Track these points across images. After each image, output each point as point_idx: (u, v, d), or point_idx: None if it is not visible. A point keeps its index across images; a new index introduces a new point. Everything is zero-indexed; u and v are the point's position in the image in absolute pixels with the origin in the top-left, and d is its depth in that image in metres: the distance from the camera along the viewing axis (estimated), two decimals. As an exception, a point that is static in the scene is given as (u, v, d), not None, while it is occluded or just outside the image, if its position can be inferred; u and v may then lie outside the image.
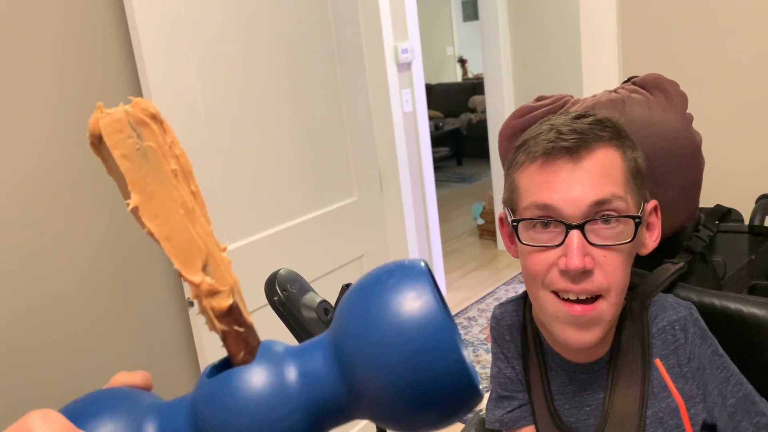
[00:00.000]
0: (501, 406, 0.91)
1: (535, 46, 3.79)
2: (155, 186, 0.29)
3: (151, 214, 0.29)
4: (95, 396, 0.30)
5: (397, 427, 0.29)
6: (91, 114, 1.11)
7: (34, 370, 1.26)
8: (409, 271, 0.29)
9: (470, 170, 6.62)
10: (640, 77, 0.93)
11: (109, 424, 0.28)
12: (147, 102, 0.29)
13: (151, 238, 0.26)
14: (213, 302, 0.29)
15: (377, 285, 0.29)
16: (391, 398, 0.27)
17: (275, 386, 0.28)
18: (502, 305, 0.94)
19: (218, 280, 0.30)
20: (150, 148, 0.29)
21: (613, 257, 0.72)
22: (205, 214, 0.31)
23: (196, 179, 0.31)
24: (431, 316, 0.27)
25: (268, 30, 1.55)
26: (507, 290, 3.55)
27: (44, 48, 1.24)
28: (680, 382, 0.77)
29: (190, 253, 0.29)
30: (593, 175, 0.72)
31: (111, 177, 0.30)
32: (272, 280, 0.76)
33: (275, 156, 1.60)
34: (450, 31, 7.70)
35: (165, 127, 0.30)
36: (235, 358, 0.30)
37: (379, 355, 0.27)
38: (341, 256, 1.82)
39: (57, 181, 1.28)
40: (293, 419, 0.28)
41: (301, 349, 0.30)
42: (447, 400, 0.27)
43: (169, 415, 0.30)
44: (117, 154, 0.28)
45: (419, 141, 3.11)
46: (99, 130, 0.29)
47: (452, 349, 0.27)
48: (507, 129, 0.95)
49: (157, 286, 1.47)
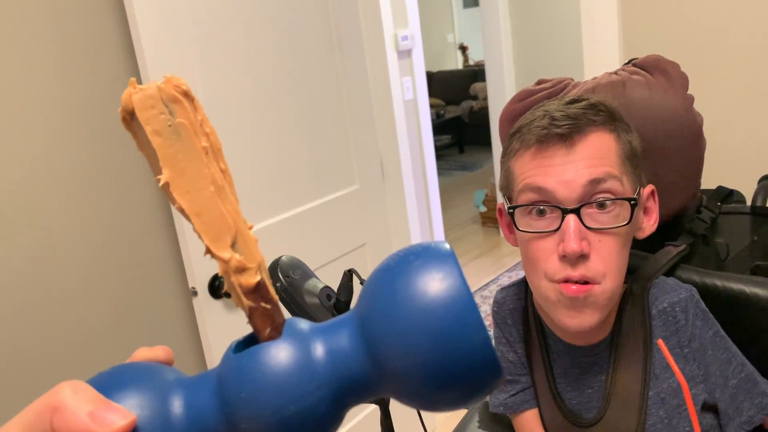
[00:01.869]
0: (504, 389, 0.91)
1: (535, 32, 3.77)
2: (186, 162, 0.29)
3: (182, 190, 0.29)
4: (121, 369, 0.30)
5: (420, 405, 0.29)
6: (92, 106, 1.11)
7: (38, 363, 1.27)
8: (435, 252, 0.30)
9: (472, 158, 6.61)
10: (641, 59, 0.93)
11: (137, 396, 0.28)
12: (179, 79, 0.29)
13: (154, 235, 0.26)
14: (241, 279, 0.30)
15: (404, 265, 0.29)
16: (417, 376, 0.28)
17: (302, 362, 0.29)
18: (503, 290, 0.94)
19: (247, 257, 0.30)
20: (182, 125, 0.29)
21: (609, 241, 0.72)
22: (234, 192, 0.31)
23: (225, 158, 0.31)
24: (458, 295, 0.28)
25: (267, 18, 1.55)
26: (510, 277, 3.56)
27: (43, 45, 1.24)
28: (681, 363, 0.77)
29: (220, 229, 0.29)
30: (587, 157, 0.72)
31: (141, 153, 0.30)
32: (274, 266, 0.76)
33: (276, 145, 1.59)
34: (450, 18, 7.66)
35: (196, 105, 0.30)
36: (261, 334, 0.30)
37: (406, 333, 0.27)
38: (343, 244, 1.82)
39: (59, 174, 1.28)
40: (319, 394, 0.28)
41: (326, 327, 0.31)
42: (471, 379, 0.28)
43: (195, 389, 0.30)
44: (149, 129, 0.29)
45: (420, 129, 3.10)
46: (132, 106, 0.29)
47: (479, 329, 0.27)
48: (508, 113, 0.94)
49: (161, 276, 1.48)
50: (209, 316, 1.45)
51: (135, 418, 0.27)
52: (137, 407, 0.28)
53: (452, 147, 6.86)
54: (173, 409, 0.29)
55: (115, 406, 0.27)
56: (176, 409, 0.29)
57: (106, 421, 0.26)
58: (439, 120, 6.37)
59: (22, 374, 1.25)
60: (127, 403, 0.28)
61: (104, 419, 0.26)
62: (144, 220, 1.43)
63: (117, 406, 0.27)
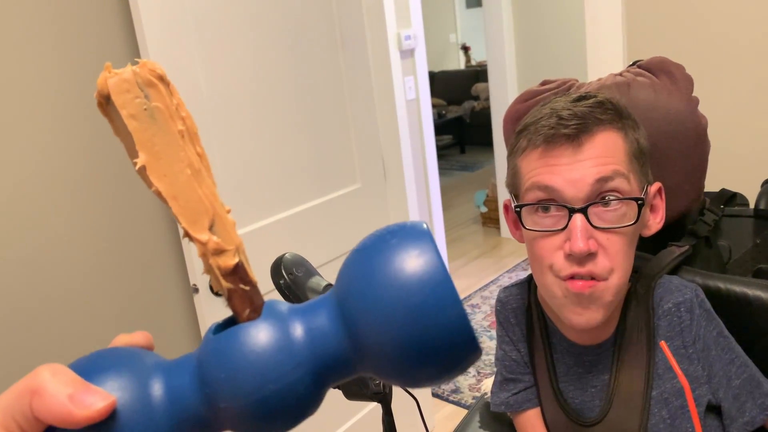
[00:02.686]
0: (506, 388, 0.91)
1: (538, 33, 3.77)
2: (162, 146, 0.29)
3: (159, 174, 0.29)
4: (101, 353, 0.31)
5: (399, 381, 0.30)
6: (95, 105, 1.10)
7: (40, 360, 1.27)
8: (411, 230, 0.30)
9: (473, 158, 6.61)
10: (646, 60, 0.93)
11: (117, 379, 0.28)
12: (154, 63, 0.30)
13: (155, 232, 0.27)
14: (219, 261, 0.30)
15: (380, 244, 0.30)
16: (395, 352, 0.28)
17: (280, 341, 0.29)
18: (507, 288, 0.94)
19: (224, 240, 0.30)
20: (157, 109, 0.29)
21: (616, 240, 0.72)
22: (211, 175, 0.31)
23: (201, 142, 0.31)
24: (434, 271, 0.28)
25: (271, 16, 1.55)
26: (510, 277, 3.56)
27: (47, 44, 1.24)
28: (685, 363, 0.77)
29: (197, 212, 0.30)
30: (594, 156, 0.72)
31: (118, 138, 0.30)
32: (278, 263, 0.76)
33: (278, 143, 1.60)
34: (453, 18, 7.65)
35: (171, 89, 0.30)
36: (240, 315, 0.30)
37: (383, 310, 0.28)
38: (344, 243, 1.82)
39: (61, 172, 1.28)
40: (298, 373, 0.29)
41: (305, 307, 0.31)
42: (448, 353, 0.28)
43: (175, 372, 0.30)
44: (125, 113, 0.29)
45: (422, 128, 3.10)
46: (107, 90, 0.29)
47: (454, 303, 0.28)
48: (512, 113, 0.95)
49: (163, 273, 1.48)
50: (210, 313, 1.45)
51: (115, 400, 0.27)
52: (117, 389, 0.28)
53: (453, 147, 6.86)
54: (153, 392, 0.29)
55: (95, 388, 0.27)
56: (156, 391, 0.29)
57: (86, 402, 0.26)
58: (440, 120, 6.37)
59: (23, 372, 1.24)
60: (107, 386, 0.28)
61: (83, 401, 0.26)
62: (146, 217, 1.43)
63: (96, 389, 0.27)
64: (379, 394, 0.75)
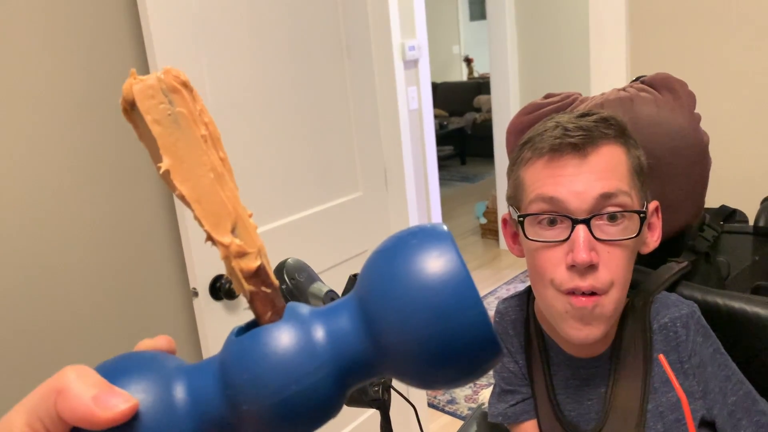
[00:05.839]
0: (504, 399, 0.91)
1: (542, 46, 3.79)
2: (186, 151, 0.30)
3: (182, 178, 0.30)
4: (125, 357, 0.31)
5: (420, 383, 0.30)
6: (97, 104, 1.10)
7: (37, 363, 1.27)
8: (431, 232, 0.30)
9: (474, 170, 6.62)
10: (649, 76, 0.94)
11: (140, 382, 0.29)
12: (178, 70, 0.30)
13: (156, 235, 0.27)
14: (242, 263, 0.30)
15: (401, 245, 0.30)
16: (416, 352, 0.28)
17: (302, 343, 0.29)
18: (505, 300, 0.94)
19: (247, 242, 0.31)
20: (181, 114, 0.30)
21: (617, 253, 0.73)
22: (233, 179, 0.32)
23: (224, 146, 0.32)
24: (455, 271, 0.28)
25: (277, 25, 1.56)
26: (508, 289, 3.56)
27: (51, 41, 1.25)
28: (681, 378, 0.78)
29: (220, 215, 0.30)
30: (599, 170, 0.73)
31: (142, 143, 0.31)
32: (280, 268, 0.76)
33: (282, 150, 1.60)
34: (456, 30, 7.70)
35: (195, 95, 0.31)
36: (262, 318, 0.31)
37: (404, 310, 0.28)
38: (345, 250, 1.83)
39: (60, 174, 1.28)
40: (320, 375, 0.29)
41: (327, 310, 0.31)
42: (469, 355, 0.28)
43: (197, 374, 0.30)
44: (149, 119, 0.29)
45: (424, 139, 3.11)
46: (132, 96, 0.29)
47: (475, 303, 0.28)
48: (515, 125, 0.95)
49: (162, 276, 1.48)
50: (209, 317, 1.45)
51: (137, 403, 0.28)
52: (141, 392, 0.28)
53: (454, 158, 6.87)
54: (176, 394, 0.29)
55: (118, 390, 0.28)
56: (179, 393, 0.29)
57: (109, 404, 0.27)
58: (442, 131, 6.39)
59: (21, 375, 1.24)
60: (131, 389, 0.28)
61: (107, 403, 0.27)
62: (146, 219, 1.43)
63: (120, 391, 0.28)
64: (377, 401, 0.75)
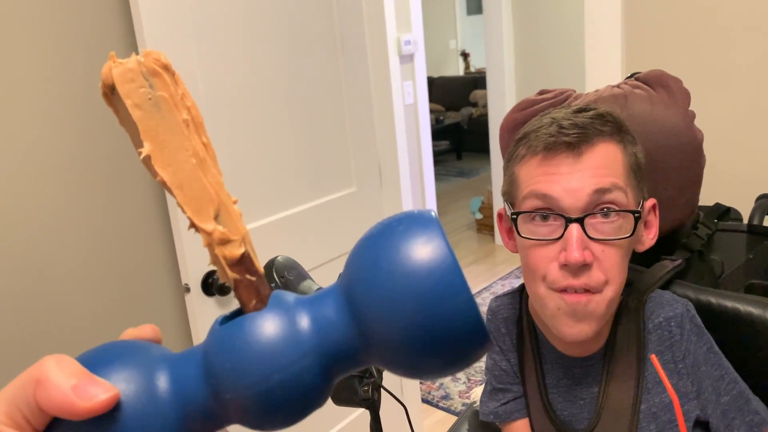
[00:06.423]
0: (495, 398, 0.91)
1: (538, 42, 3.78)
2: (167, 135, 0.29)
3: (164, 163, 0.29)
4: (107, 346, 0.30)
5: (407, 372, 0.29)
6: (90, 103, 1.09)
7: (30, 359, 1.26)
8: (418, 218, 0.29)
9: (470, 165, 6.62)
10: (644, 73, 0.93)
11: (122, 371, 0.28)
12: (159, 53, 0.29)
13: (148, 231, 0.26)
14: (225, 251, 0.30)
15: (387, 231, 0.29)
16: (402, 340, 0.27)
17: (287, 331, 0.28)
18: (498, 298, 0.94)
19: (230, 229, 0.30)
20: (162, 98, 0.29)
21: (611, 252, 0.72)
22: (216, 165, 0.31)
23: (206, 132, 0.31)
24: (441, 258, 0.27)
25: (270, 18, 1.54)
26: (503, 285, 3.56)
27: (43, 39, 1.24)
28: (674, 378, 0.77)
29: (202, 201, 0.29)
30: (594, 167, 0.72)
31: (123, 128, 0.30)
32: (270, 266, 0.76)
33: (275, 144, 1.59)
34: (453, 25, 7.67)
35: (176, 79, 0.30)
36: (246, 306, 0.30)
37: (390, 298, 0.27)
38: (338, 247, 1.82)
39: (53, 171, 1.27)
40: (304, 363, 0.28)
41: (312, 298, 0.30)
42: (456, 342, 0.27)
43: (181, 363, 0.30)
44: (129, 103, 0.29)
45: (419, 134, 3.10)
46: (112, 80, 0.29)
47: (462, 290, 0.27)
48: (508, 122, 0.94)
49: (154, 272, 1.47)
50: (201, 312, 1.45)
51: (118, 393, 0.27)
52: (122, 381, 0.28)
53: (450, 153, 6.86)
54: (159, 383, 0.29)
55: (99, 380, 0.27)
56: (162, 383, 0.29)
57: (89, 394, 0.26)
58: (438, 125, 6.37)
59: (11, 370, 1.24)
60: (112, 378, 0.28)
61: (87, 392, 0.26)
62: (138, 215, 1.42)
63: (100, 380, 0.27)
64: (367, 400, 0.74)
